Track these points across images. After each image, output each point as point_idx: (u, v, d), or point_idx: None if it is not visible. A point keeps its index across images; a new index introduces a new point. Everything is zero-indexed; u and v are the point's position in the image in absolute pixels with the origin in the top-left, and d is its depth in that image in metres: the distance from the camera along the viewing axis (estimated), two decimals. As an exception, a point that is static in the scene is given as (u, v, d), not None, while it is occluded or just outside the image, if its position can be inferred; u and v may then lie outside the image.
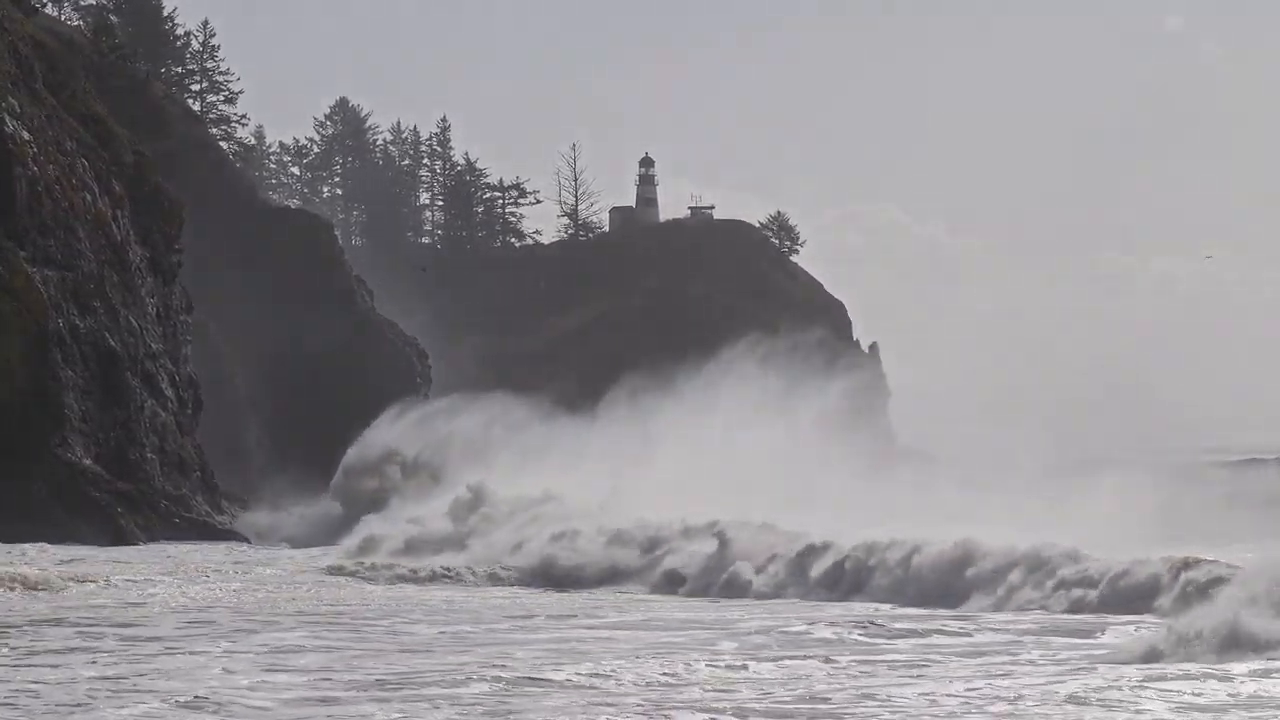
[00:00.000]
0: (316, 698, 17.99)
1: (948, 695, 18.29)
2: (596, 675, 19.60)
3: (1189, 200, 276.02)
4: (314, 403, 72.50)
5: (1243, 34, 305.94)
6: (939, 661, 21.57)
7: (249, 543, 48.20)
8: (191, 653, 21.83)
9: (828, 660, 21.43)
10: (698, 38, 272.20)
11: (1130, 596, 26.71)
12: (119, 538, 40.99)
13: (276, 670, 20.14)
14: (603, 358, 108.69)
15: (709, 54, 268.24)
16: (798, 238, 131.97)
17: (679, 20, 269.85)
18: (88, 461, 42.46)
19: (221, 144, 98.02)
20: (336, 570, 35.94)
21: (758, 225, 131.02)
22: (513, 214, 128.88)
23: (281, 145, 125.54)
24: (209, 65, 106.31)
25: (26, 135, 45.01)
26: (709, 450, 53.51)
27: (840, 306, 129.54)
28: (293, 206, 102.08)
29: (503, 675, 19.51)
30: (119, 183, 51.56)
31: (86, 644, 22.66)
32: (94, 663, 20.63)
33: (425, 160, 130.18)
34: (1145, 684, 18.66)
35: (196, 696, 17.78)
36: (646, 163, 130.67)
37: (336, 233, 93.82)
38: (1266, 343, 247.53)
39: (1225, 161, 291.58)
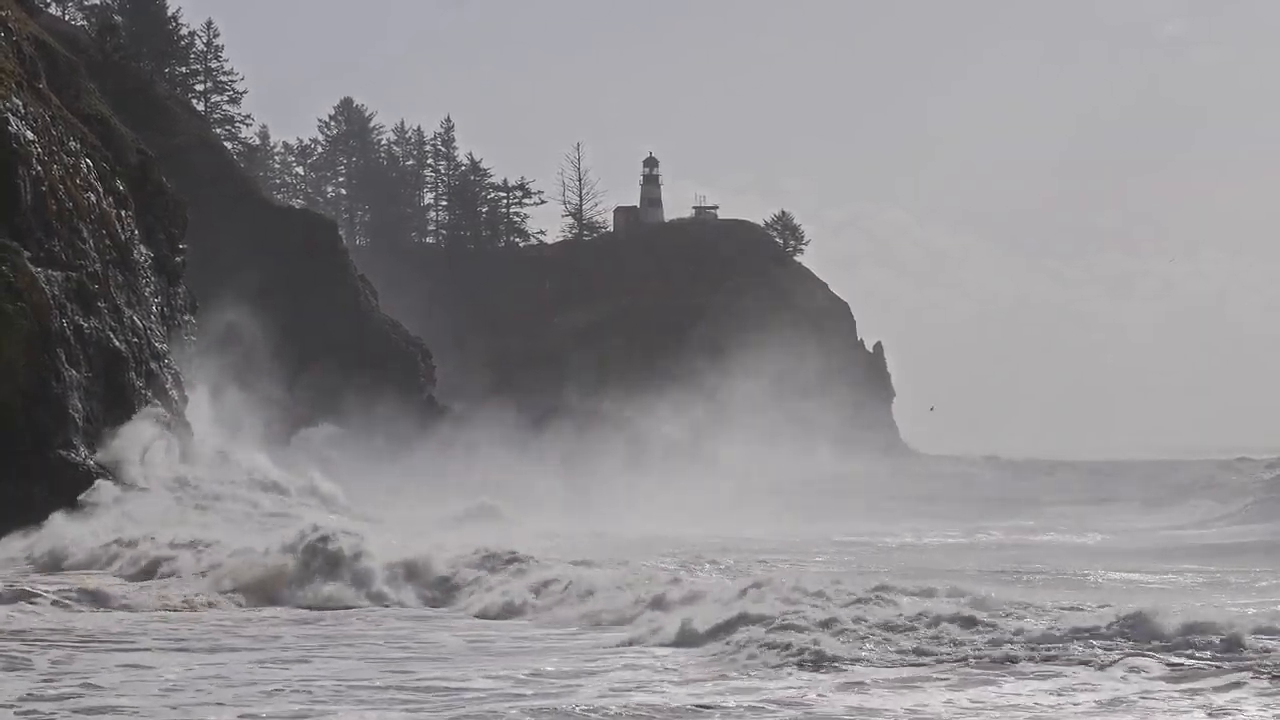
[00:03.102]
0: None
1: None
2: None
3: (1188, 202, 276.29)
4: (316, 402, 72.59)
5: (1240, 38, 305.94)
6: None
7: None
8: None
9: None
10: (702, 38, 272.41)
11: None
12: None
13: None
14: (607, 358, 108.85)
15: (713, 55, 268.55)
16: (802, 238, 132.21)
17: (683, 21, 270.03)
18: (91, 462, 42.44)
19: (226, 144, 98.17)
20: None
21: (762, 225, 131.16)
22: (517, 214, 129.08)
23: (285, 145, 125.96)
24: (213, 65, 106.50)
25: (30, 135, 44.99)
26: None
27: (844, 307, 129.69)
28: (297, 206, 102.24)
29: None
30: (123, 183, 51.53)
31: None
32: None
33: (429, 160, 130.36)
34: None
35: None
36: (651, 163, 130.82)
37: (340, 232, 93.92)
38: (1262, 341, 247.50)
39: (1224, 164, 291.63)
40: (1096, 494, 63.37)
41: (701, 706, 16.32)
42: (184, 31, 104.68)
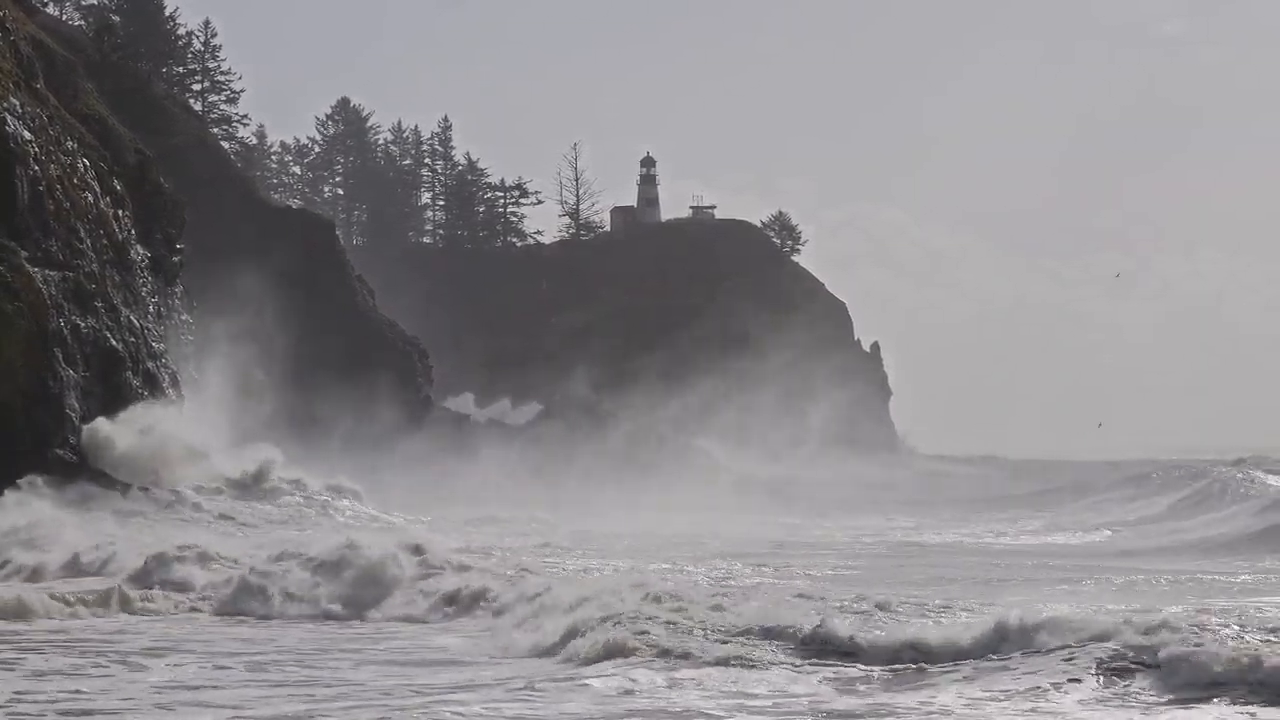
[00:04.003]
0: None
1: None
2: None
3: (1187, 202, 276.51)
4: (315, 402, 72.53)
5: (1239, 38, 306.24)
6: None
7: None
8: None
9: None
10: (699, 38, 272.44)
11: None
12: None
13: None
14: (605, 358, 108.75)
15: (711, 55, 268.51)
16: (799, 237, 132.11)
17: (680, 21, 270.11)
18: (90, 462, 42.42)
19: (223, 143, 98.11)
20: None
21: (759, 225, 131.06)
22: (514, 214, 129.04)
23: (283, 145, 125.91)
24: (210, 65, 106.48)
25: (28, 135, 44.95)
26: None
27: (842, 306, 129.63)
28: (294, 206, 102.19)
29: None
30: (120, 182, 51.51)
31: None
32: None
33: (427, 160, 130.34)
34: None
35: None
36: (648, 162, 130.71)
37: (338, 232, 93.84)
38: (1260, 341, 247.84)
39: (1222, 164, 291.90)
40: (1097, 492, 63.42)
41: (703, 708, 16.28)
42: (181, 31, 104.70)
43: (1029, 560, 35.03)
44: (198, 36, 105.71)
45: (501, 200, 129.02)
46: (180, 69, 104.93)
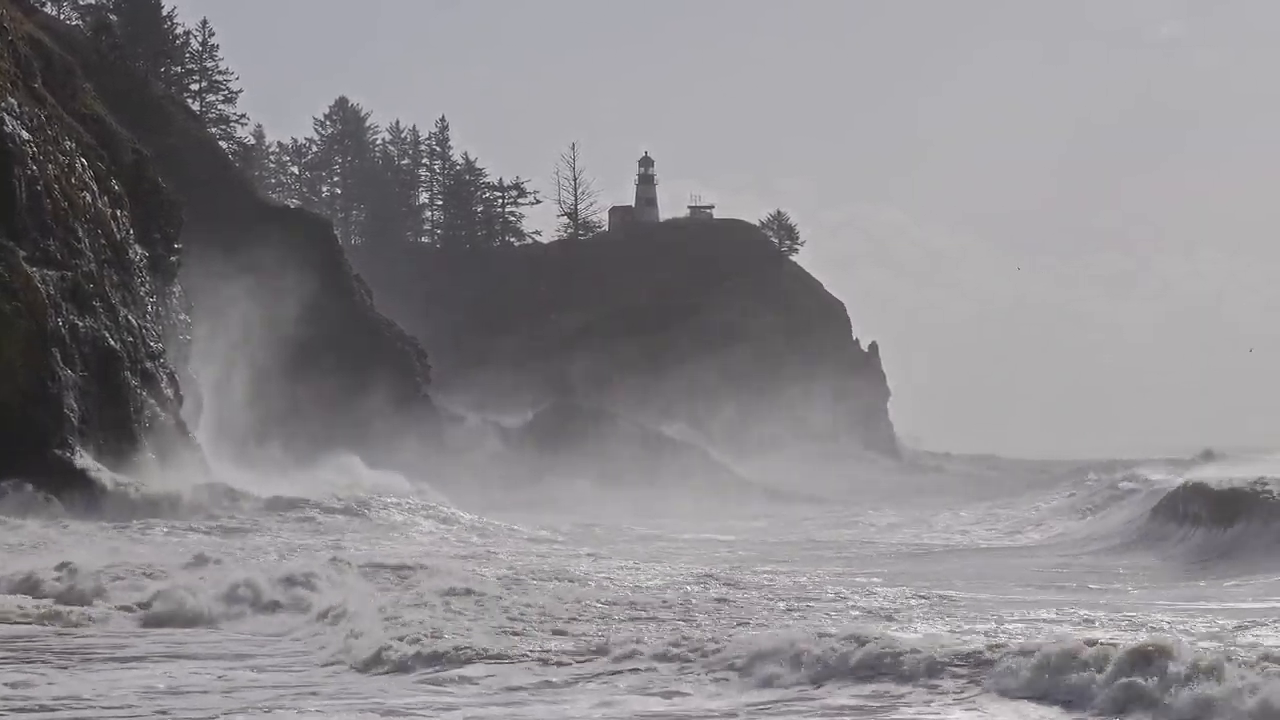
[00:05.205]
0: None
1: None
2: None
3: (1186, 203, 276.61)
4: (313, 402, 72.46)
5: (1235, 40, 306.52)
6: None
7: None
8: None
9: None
10: (696, 38, 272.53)
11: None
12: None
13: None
14: (603, 357, 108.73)
15: (708, 55, 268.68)
16: (797, 237, 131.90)
17: (677, 20, 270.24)
18: (89, 464, 42.32)
19: (221, 143, 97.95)
20: None
21: (757, 225, 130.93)
22: (512, 214, 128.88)
23: (281, 145, 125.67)
24: (208, 65, 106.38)
25: (25, 135, 44.87)
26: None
27: (840, 306, 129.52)
28: (292, 206, 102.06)
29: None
30: (118, 182, 51.45)
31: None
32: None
33: (424, 160, 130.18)
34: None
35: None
36: (646, 162, 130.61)
37: (336, 232, 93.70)
38: (1260, 341, 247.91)
39: (1220, 164, 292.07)
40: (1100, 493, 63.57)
41: (710, 712, 16.23)
42: (179, 31, 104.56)
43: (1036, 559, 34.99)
44: (195, 36, 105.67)
45: (500, 200, 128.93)
46: (178, 69, 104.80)
